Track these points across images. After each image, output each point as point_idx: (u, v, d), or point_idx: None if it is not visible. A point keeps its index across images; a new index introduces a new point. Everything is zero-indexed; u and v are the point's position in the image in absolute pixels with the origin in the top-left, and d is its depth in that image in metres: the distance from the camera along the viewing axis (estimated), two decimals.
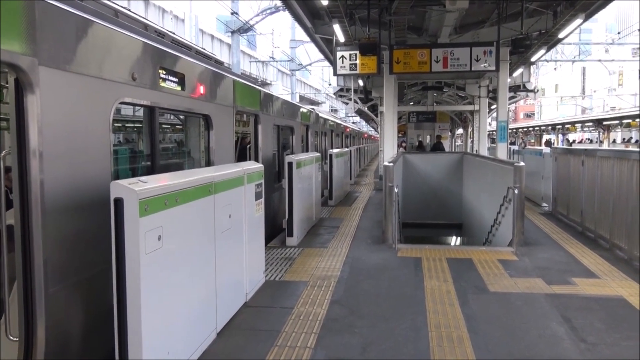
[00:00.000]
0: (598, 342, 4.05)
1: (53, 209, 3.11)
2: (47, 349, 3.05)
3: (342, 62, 11.98)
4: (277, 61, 40.51)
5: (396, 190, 7.68)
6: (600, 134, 39.07)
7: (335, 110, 59.18)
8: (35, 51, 2.95)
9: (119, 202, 2.84)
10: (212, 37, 32.48)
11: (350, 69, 12.00)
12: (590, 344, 4.03)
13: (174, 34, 6.44)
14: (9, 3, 2.77)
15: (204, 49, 7.62)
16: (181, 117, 6.17)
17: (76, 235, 3.36)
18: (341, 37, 11.76)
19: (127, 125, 5.33)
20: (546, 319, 4.56)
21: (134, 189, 2.89)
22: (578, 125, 43.01)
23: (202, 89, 5.58)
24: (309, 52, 41.72)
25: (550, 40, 12.49)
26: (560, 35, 11.75)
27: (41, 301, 3.01)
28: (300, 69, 42.07)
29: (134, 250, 2.89)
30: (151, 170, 4.72)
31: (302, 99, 50.26)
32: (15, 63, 2.81)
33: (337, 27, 11.05)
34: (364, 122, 62.18)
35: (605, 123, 37.06)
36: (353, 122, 56.69)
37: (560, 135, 46.77)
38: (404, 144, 25.99)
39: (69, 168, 3.30)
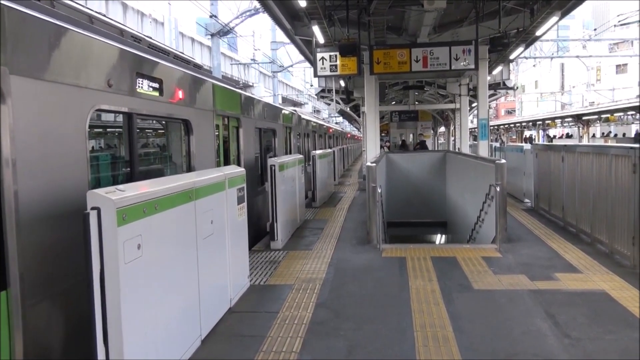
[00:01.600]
0: (582, 337, 4.09)
1: (28, 219, 3.05)
2: None
3: (323, 64, 11.97)
4: (258, 63, 40.38)
5: (379, 190, 7.69)
6: (580, 129, 39.61)
7: (318, 111, 59.20)
8: (5, 60, 2.89)
9: (88, 215, 2.77)
10: (193, 40, 32.27)
11: (331, 70, 12.00)
12: (574, 339, 4.06)
13: (151, 38, 6.37)
14: None
15: (183, 53, 7.56)
16: (161, 122, 6.11)
17: (53, 246, 3.30)
18: (321, 39, 11.75)
19: (105, 131, 5.25)
20: (530, 315, 4.59)
21: (111, 197, 2.84)
22: (558, 121, 43.53)
23: (180, 94, 5.52)
24: (290, 53, 41.71)
25: (528, 38, 12.61)
26: (538, 33, 11.87)
27: (18, 315, 2.95)
28: (281, 71, 41.99)
29: (112, 260, 2.84)
30: (130, 177, 4.66)
31: (285, 100, 50.19)
32: None
33: (316, 29, 11.04)
34: (347, 123, 62.31)
35: (584, 118, 37.57)
36: (336, 123, 56.84)
37: (541, 131, 47.33)
38: (387, 144, 26.02)
39: (44, 178, 3.24)
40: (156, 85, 4.88)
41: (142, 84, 4.58)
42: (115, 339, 2.87)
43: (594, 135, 43.48)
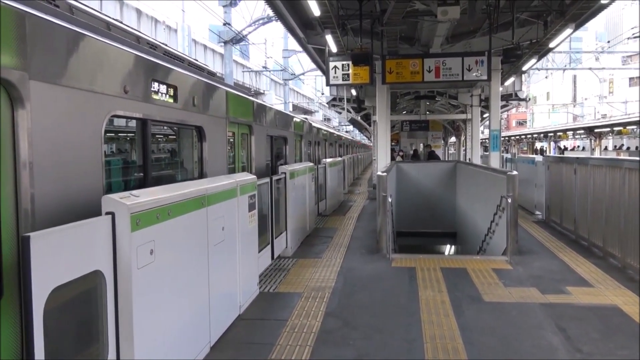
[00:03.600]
0: (593, 352, 4.05)
1: (44, 223, 3.08)
2: None
3: (335, 73, 12.01)
4: (270, 71, 40.59)
5: (390, 200, 7.67)
6: (592, 141, 39.35)
7: (329, 119, 59.32)
8: (25, 65, 2.93)
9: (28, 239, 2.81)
10: (205, 47, 32.55)
11: (343, 79, 12.04)
12: (586, 353, 4.02)
13: (166, 45, 6.44)
14: None
15: (197, 60, 7.63)
16: (174, 128, 6.17)
17: None
18: (333, 48, 11.80)
19: (119, 136, 5.31)
20: (541, 328, 4.55)
21: (126, 203, 2.86)
22: (570, 133, 43.30)
23: (194, 101, 5.57)
24: (302, 61, 41.90)
25: (541, 49, 12.60)
26: (551, 45, 11.86)
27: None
28: (293, 79, 42.16)
29: (126, 265, 2.86)
30: (144, 182, 4.69)
31: (295, 108, 50.37)
32: (5, 77, 2.79)
33: (329, 38, 11.09)
34: (357, 131, 62.33)
35: (596, 130, 37.34)
36: (346, 131, 56.83)
37: (552, 143, 47.07)
38: (401, 153, 25.58)
39: (60, 182, 3.28)
40: (171, 91, 4.93)
41: (157, 90, 4.63)
42: (127, 343, 2.89)
43: (606, 148, 43.15)
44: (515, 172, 7.60)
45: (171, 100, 4.94)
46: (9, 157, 2.88)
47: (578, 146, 53.59)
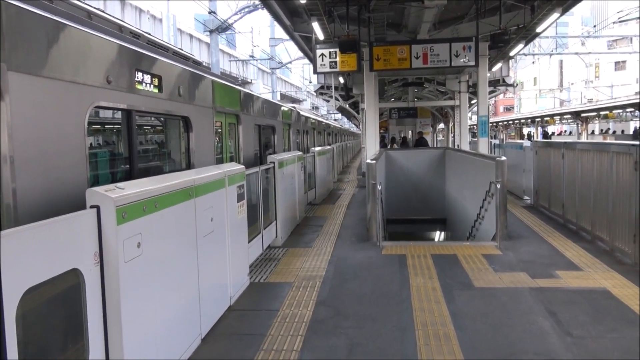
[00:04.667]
0: (584, 336, 4.07)
1: (26, 218, 3.02)
2: None
3: (322, 60, 11.93)
4: (257, 60, 40.32)
5: (379, 187, 7.66)
6: (579, 126, 39.61)
7: (317, 108, 59.18)
8: (3, 57, 2.85)
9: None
10: (191, 36, 32.21)
11: (331, 66, 11.96)
12: (576, 337, 4.04)
13: (149, 34, 6.33)
14: None
15: (182, 50, 7.52)
16: (160, 119, 6.08)
17: None
18: (320, 35, 11.71)
19: (104, 128, 5.21)
20: (531, 313, 4.57)
21: (111, 196, 2.81)
22: (557, 118, 43.53)
23: (180, 91, 5.49)
24: (289, 50, 41.65)
25: (528, 34, 12.60)
26: (538, 30, 11.85)
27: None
28: (280, 67, 41.92)
29: (112, 259, 2.81)
30: (130, 175, 4.63)
31: (283, 97, 50.15)
32: None
33: (316, 25, 11.00)
34: (345, 119, 62.25)
35: (583, 115, 37.58)
36: (335, 120, 56.76)
37: (540, 128, 47.34)
38: (398, 140, 24.94)
39: (43, 175, 3.21)
40: (155, 81, 4.85)
41: (141, 80, 4.55)
42: (115, 338, 2.85)
43: (592, 132, 43.46)
44: (504, 158, 7.61)
45: (156, 91, 4.86)
46: None
47: (565, 131, 53.97)
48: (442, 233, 15.26)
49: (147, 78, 4.67)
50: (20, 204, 2.97)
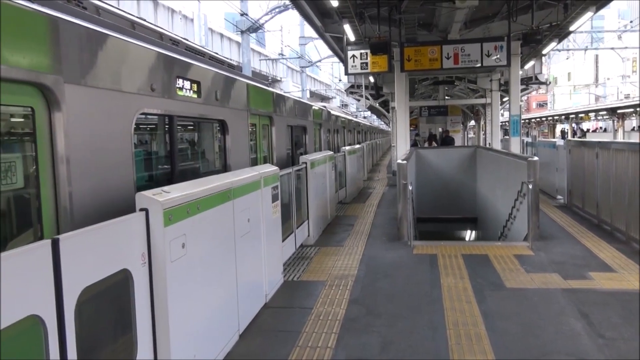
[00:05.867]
0: (616, 337, 4.09)
1: (81, 220, 3.22)
2: None
3: (353, 62, 12.03)
4: (286, 58, 40.56)
5: (410, 187, 7.73)
6: (615, 122, 38.67)
7: (346, 105, 59.16)
8: (60, 70, 3.06)
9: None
10: (222, 35, 32.65)
11: (361, 67, 12.05)
12: (609, 339, 4.07)
13: (187, 40, 6.55)
14: (35, 25, 2.88)
15: (217, 54, 7.73)
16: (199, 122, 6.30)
17: None
18: (351, 36, 11.80)
19: (147, 132, 5.45)
20: (563, 314, 4.60)
21: (158, 199, 2.98)
22: (591, 114, 42.57)
23: (217, 95, 5.67)
24: (319, 48, 41.76)
25: (561, 33, 12.42)
26: (571, 28, 11.69)
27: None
28: (310, 66, 42.08)
29: (160, 259, 2.99)
30: (171, 175, 4.83)
31: (313, 95, 50.29)
32: (41, 82, 2.92)
33: (347, 27, 11.09)
34: (375, 117, 62.07)
35: (619, 111, 36.66)
36: (364, 117, 56.65)
37: (574, 125, 46.36)
38: (433, 139, 24.17)
39: (95, 178, 3.42)
40: (194, 87, 5.04)
41: (181, 86, 4.74)
42: (163, 334, 3.03)
43: (634, 129, 42.21)
44: (536, 158, 7.58)
45: (195, 96, 5.06)
46: (48, 158, 3.02)
47: (601, 127, 52.70)
48: (473, 232, 15.18)
49: (187, 84, 4.87)
50: (75, 205, 3.17)
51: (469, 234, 15.42)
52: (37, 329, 2.13)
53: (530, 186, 7.24)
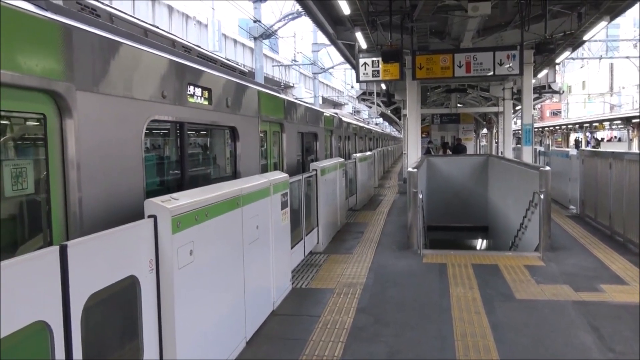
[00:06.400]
0: (626, 351, 4.04)
1: (90, 225, 3.25)
2: None
3: (365, 69, 12.03)
4: (299, 65, 40.70)
5: (420, 196, 7.70)
6: (630, 132, 38.28)
7: (358, 112, 59.18)
8: (72, 77, 3.10)
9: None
10: (235, 41, 32.82)
11: (373, 75, 12.04)
12: (619, 353, 4.02)
13: (200, 47, 6.60)
14: (48, 33, 2.92)
15: (229, 60, 7.78)
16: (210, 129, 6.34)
17: None
18: (363, 44, 11.81)
19: (157, 139, 5.49)
20: (574, 327, 4.55)
21: (167, 206, 3.00)
22: (606, 123, 42.18)
23: (228, 102, 5.71)
24: (332, 54, 41.86)
25: (574, 42, 12.34)
26: (585, 37, 11.60)
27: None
28: (322, 72, 42.18)
29: (168, 265, 3.01)
30: (181, 181, 4.86)
31: (325, 101, 50.39)
32: (53, 89, 2.96)
33: (359, 35, 11.11)
34: (387, 123, 61.99)
35: (634, 121, 36.29)
36: (376, 124, 56.61)
37: (588, 134, 45.96)
38: (446, 147, 23.89)
39: (105, 183, 3.45)
40: (205, 94, 5.07)
41: (192, 93, 4.78)
42: (169, 341, 3.04)
43: None
44: (548, 168, 7.52)
45: (206, 103, 5.09)
46: (58, 165, 3.05)
47: (615, 137, 52.19)
48: (484, 241, 15.07)
49: (198, 91, 4.90)
50: (85, 212, 3.20)
51: (480, 243, 15.31)
52: (43, 334, 2.14)
53: (542, 196, 7.18)
